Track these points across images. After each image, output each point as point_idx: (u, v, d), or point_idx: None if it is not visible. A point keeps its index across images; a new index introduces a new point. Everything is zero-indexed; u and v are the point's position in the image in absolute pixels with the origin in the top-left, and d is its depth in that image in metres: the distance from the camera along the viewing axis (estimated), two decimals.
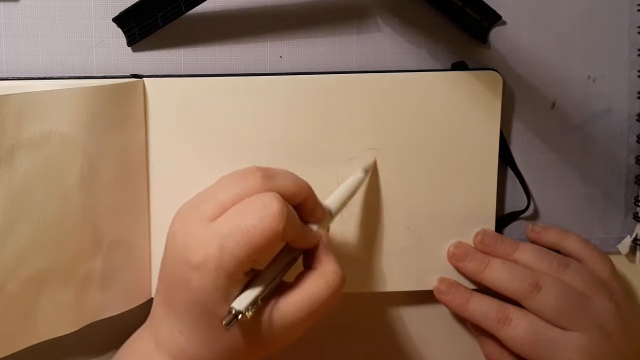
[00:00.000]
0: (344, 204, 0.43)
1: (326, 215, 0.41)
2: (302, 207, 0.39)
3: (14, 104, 0.38)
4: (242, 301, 0.35)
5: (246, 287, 0.36)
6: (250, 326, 0.37)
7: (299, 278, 0.38)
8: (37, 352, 0.41)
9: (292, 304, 0.37)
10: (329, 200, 0.42)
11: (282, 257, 0.39)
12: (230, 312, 0.35)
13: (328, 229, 0.41)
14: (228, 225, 0.36)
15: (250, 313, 0.35)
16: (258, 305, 0.36)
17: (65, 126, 0.40)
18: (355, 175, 0.45)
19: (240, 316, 0.35)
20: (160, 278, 0.40)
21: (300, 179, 0.39)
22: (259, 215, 0.35)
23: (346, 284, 0.39)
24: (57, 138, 0.39)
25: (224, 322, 0.35)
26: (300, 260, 0.40)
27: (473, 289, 0.47)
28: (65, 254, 0.41)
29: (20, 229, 0.39)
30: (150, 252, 0.45)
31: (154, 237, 0.45)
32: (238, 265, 0.35)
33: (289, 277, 0.39)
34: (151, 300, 0.44)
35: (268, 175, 0.38)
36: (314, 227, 0.40)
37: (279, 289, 0.38)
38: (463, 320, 0.50)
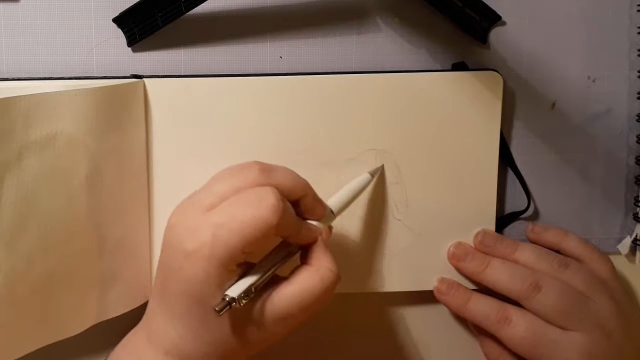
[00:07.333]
0: (347, 204, 0.43)
1: (327, 213, 0.41)
2: (300, 203, 0.39)
3: (21, 105, 0.38)
4: (235, 289, 0.36)
5: (240, 278, 0.37)
6: (241, 316, 0.37)
7: (294, 272, 0.39)
8: (37, 352, 0.41)
9: (285, 297, 0.37)
10: (332, 199, 0.42)
11: (278, 250, 0.39)
12: (223, 299, 0.35)
13: (330, 228, 0.41)
14: (222, 215, 0.36)
15: (243, 301, 0.35)
16: (251, 294, 0.36)
17: (70, 127, 0.40)
18: (361, 176, 0.45)
19: (233, 304, 0.35)
20: (158, 271, 0.40)
21: (299, 176, 0.39)
22: (254, 207, 0.36)
23: (346, 284, 0.39)
24: (63, 139, 0.39)
25: (216, 309, 0.35)
26: (297, 257, 0.40)
27: (473, 289, 0.47)
28: (71, 255, 0.41)
29: (29, 231, 0.39)
30: (151, 252, 0.45)
31: (155, 237, 0.45)
32: (231, 255, 0.35)
33: (285, 273, 0.39)
34: None
35: (266, 170, 0.38)
36: (315, 224, 0.40)
37: (273, 282, 0.38)
38: (463, 320, 0.50)
